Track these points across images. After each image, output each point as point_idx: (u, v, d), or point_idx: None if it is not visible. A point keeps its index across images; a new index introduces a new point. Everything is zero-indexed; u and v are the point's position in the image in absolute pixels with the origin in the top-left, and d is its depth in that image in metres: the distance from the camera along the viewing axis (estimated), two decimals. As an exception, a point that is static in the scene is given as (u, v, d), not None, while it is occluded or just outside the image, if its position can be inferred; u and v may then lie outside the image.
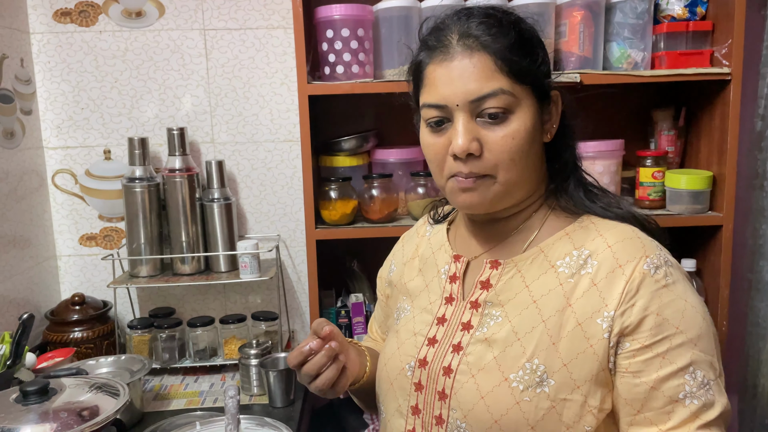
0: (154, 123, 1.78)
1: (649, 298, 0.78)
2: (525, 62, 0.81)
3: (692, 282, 0.84)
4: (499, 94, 0.80)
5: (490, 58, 0.80)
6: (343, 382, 0.93)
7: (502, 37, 0.81)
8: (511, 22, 0.83)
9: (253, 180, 1.82)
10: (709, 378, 0.78)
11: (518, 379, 0.81)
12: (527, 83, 0.82)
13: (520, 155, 0.82)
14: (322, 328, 0.91)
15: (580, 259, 0.83)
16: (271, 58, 1.76)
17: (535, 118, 0.83)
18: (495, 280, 0.88)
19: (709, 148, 1.60)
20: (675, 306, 0.79)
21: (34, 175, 1.73)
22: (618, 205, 0.90)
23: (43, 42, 1.73)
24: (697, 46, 1.54)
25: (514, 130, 0.81)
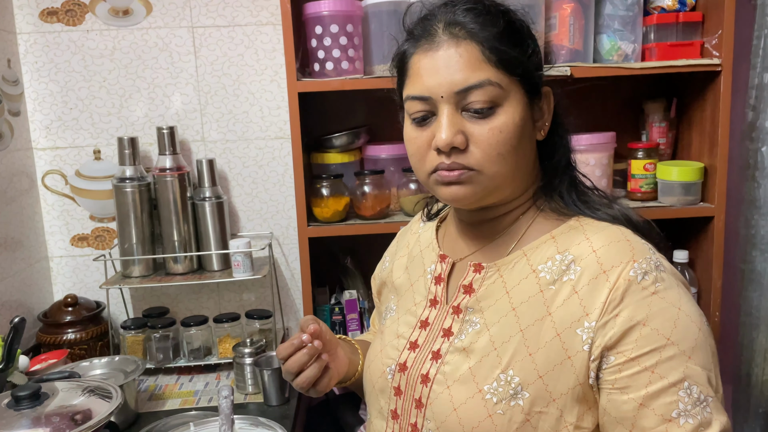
0: (144, 122, 1.77)
1: (634, 308, 0.72)
2: (514, 52, 0.77)
3: (688, 288, 0.78)
4: (486, 86, 0.76)
5: (477, 47, 0.76)
6: (325, 381, 0.92)
7: (491, 25, 0.77)
8: (500, 11, 0.79)
9: (245, 178, 1.81)
10: (706, 394, 0.71)
11: (492, 391, 0.77)
12: (516, 75, 0.78)
13: (508, 149, 0.77)
14: (308, 325, 0.90)
15: (563, 264, 0.78)
16: (261, 55, 1.75)
17: (525, 112, 0.79)
18: (477, 285, 0.84)
19: (701, 139, 1.60)
20: (666, 315, 0.72)
21: (24, 177, 1.72)
22: (610, 206, 0.85)
23: (30, 42, 1.72)
24: (688, 38, 1.54)
25: (502, 123, 0.77)
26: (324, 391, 0.93)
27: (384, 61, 1.54)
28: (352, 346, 1.04)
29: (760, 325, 1.54)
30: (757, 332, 1.54)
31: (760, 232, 1.51)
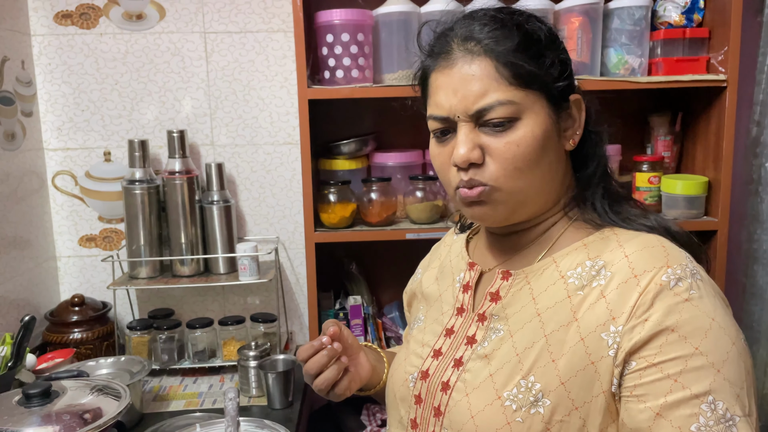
0: (154, 125, 1.79)
1: (664, 312, 0.68)
2: (531, 66, 0.76)
3: (727, 304, 0.73)
4: (497, 107, 0.75)
5: (491, 63, 0.75)
6: (344, 384, 0.92)
7: (505, 39, 0.76)
8: (516, 22, 0.78)
9: (253, 182, 1.83)
10: (732, 413, 0.66)
11: (512, 398, 0.74)
12: (535, 88, 0.76)
13: (527, 164, 0.76)
14: (329, 328, 0.91)
15: (593, 270, 0.75)
16: (271, 61, 1.77)
17: (547, 124, 0.77)
18: (504, 292, 0.83)
19: (705, 153, 1.61)
20: (697, 323, 0.68)
21: (35, 177, 1.74)
22: (646, 217, 0.81)
23: (44, 44, 1.74)
24: (694, 53, 1.55)
25: (520, 137, 0.75)
26: (343, 394, 0.93)
27: (393, 70, 1.56)
28: (377, 354, 1.04)
29: (761, 339, 1.55)
30: (758, 346, 1.55)
31: (762, 247, 1.52)
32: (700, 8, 1.57)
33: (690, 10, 1.56)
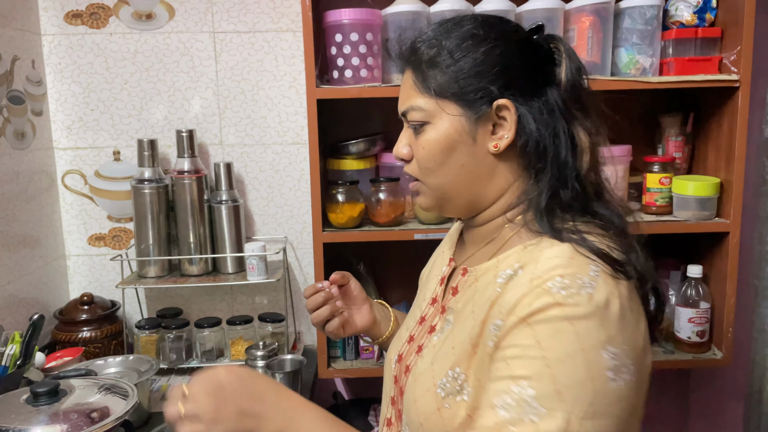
0: (164, 125, 1.79)
1: (532, 311, 0.70)
2: (443, 79, 0.82)
3: (628, 327, 0.72)
4: (410, 111, 0.85)
5: (411, 73, 0.86)
6: (335, 324, 1.07)
7: (421, 52, 0.84)
8: (440, 38, 0.84)
9: (261, 182, 1.83)
10: (541, 404, 0.67)
11: (442, 386, 0.80)
12: (446, 97, 0.82)
13: (432, 164, 0.84)
14: (334, 274, 1.09)
15: (516, 272, 0.77)
16: (280, 61, 1.77)
17: (456, 129, 0.82)
18: (461, 287, 0.88)
19: (717, 154, 1.59)
20: (555, 324, 0.69)
21: (44, 176, 1.74)
22: (575, 232, 0.78)
23: (54, 44, 1.75)
24: (706, 53, 1.54)
25: (426, 140, 0.84)
26: (336, 333, 1.08)
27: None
28: (386, 312, 1.16)
29: (773, 342, 1.54)
30: (771, 349, 1.54)
31: (775, 249, 1.51)
32: (713, 8, 1.55)
33: (702, 9, 1.55)
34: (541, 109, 0.82)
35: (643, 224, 1.55)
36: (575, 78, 0.83)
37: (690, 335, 1.59)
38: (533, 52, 0.84)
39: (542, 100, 0.82)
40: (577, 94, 0.84)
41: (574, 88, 0.83)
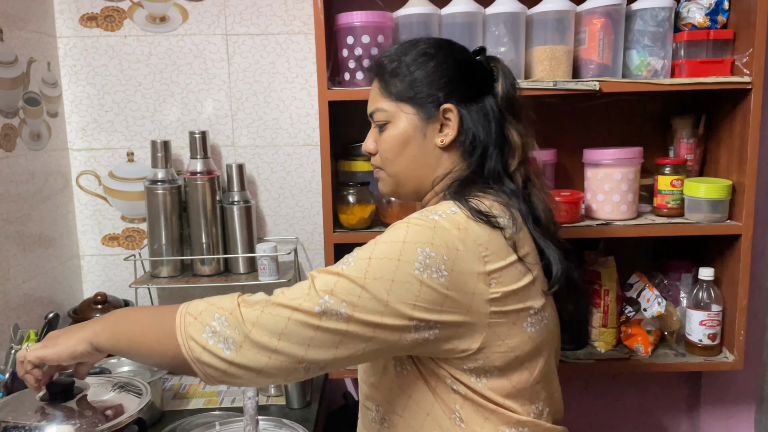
0: (177, 126, 1.81)
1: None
2: (401, 86, 1.03)
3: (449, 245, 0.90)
4: (376, 112, 1.07)
5: (377, 82, 1.08)
6: None
7: (385, 65, 1.06)
8: (400, 55, 1.05)
9: (273, 183, 1.84)
10: (353, 260, 0.90)
11: None
12: (406, 102, 1.03)
13: (392, 155, 1.05)
14: None
15: None
16: (292, 63, 1.78)
17: (413, 126, 1.03)
18: None
19: (729, 156, 1.59)
20: (396, 226, 0.93)
21: (59, 176, 1.77)
22: (470, 197, 0.98)
23: (70, 46, 1.77)
24: (718, 55, 1.53)
25: (387, 136, 1.05)
26: None
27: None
28: None
29: (785, 346, 1.53)
30: (783, 352, 1.53)
31: (787, 252, 1.50)
32: (725, 9, 1.55)
33: (714, 11, 1.54)
34: (478, 113, 1.03)
35: (655, 226, 1.55)
36: (509, 90, 1.05)
37: (701, 338, 1.59)
38: (474, 68, 1.06)
39: (480, 105, 1.03)
40: (511, 103, 1.04)
41: (508, 98, 1.04)
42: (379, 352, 0.90)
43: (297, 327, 0.85)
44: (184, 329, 0.88)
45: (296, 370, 0.87)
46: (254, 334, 0.85)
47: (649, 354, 1.62)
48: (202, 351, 0.86)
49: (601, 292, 1.63)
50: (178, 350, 0.87)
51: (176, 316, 0.89)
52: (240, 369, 0.86)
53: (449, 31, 1.53)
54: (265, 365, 0.85)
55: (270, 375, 0.87)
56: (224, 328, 0.86)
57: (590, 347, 1.67)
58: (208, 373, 0.87)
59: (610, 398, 1.97)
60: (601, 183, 1.57)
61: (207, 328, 0.87)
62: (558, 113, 1.73)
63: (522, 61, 1.54)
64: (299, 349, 0.85)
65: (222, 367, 0.86)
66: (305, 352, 0.85)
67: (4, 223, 1.50)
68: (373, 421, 1.06)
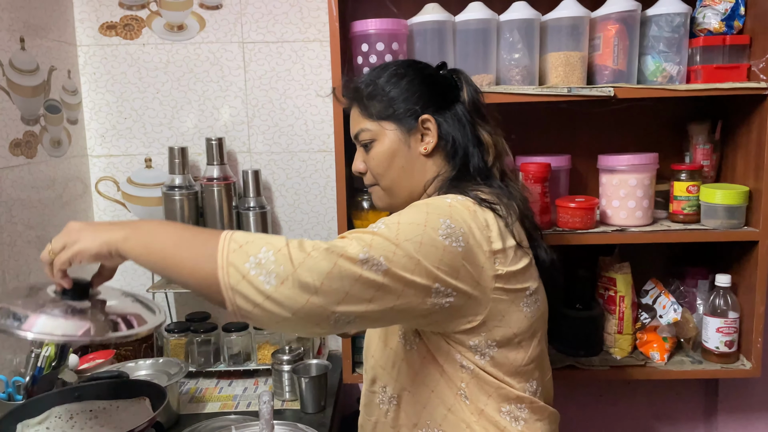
0: (194, 133, 1.83)
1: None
2: (380, 106, 1.12)
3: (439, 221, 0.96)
4: (361, 132, 1.14)
5: (357, 107, 1.16)
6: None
7: (362, 90, 1.14)
8: (373, 79, 1.14)
9: (288, 189, 1.86)
10: (384, 223, 0.94)
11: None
12: (384, 119, 1.12)
13: (383, 169, 1.13)
14: None
15: None
16: (307, 70, 1.80)
17: (396, 141, 1.11)
18: None
19: (746, 162, 1.58)
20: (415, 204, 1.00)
21: (79, 182, 1.80)
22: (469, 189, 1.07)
23: (89, 54, 1.80)
24: (734, 60, 1.53)
25: (374, 153, 1.13)
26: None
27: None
28: None
29: (804, 354, 1.51)
30: (801, 360, 1.51)
31: (806, 259, 1.48)
32: (741, 15, 1.54)
33: (730, 16, 1.53)
34: (452, 119, 1.12)
35: (671, 233, 1.54)
36: (474, 96, 1.15)
37: (718, 345, 1.57)
38: (440, 80, 1.16)
39: (452, 112, 1.13)
40: (477, 107, 1.14)
41: (474, 103, 1.14)
42: (402, 314, 0.92)
43: (341, 272, 0.85)
44: (226, 255, 0.85)
45: (326, 320, 0.86)
46: (300, 273, 0.83)
47: (665, 361, 1.61)
48: (240, 280, 0.83)
49: (617, 299, 1.63)
50: (213, 273, 0.84)
51: (219, 239, 0.86)
52: (274, 305, 0.83)
53: (463, 38, 1.54)
54: (301, 307, 0.84)
55: (299, 321, 0.85)
56: (269, 262, 0.84)
57: (605, 354, 1.66)
58: (238, 305, 0.84)
59: (626, 405, 1.96)
60: (616, 189, 1.57)
61: (251, 259, 0.84)
62: (572, 119, 1.73)
63: (536, 67, 1.55)
64: (337, 296, 0.85)
65: (257, 300, 0.83)
66: (342, 299, 0.85)
67: (25, 228, 1.53)
68: (381, 403, 1.12)
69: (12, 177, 1.49)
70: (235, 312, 0.86)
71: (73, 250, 0.91)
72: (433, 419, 1.05)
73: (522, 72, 1.53)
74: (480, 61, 1.54)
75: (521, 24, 1.52)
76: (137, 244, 0.90)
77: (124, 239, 0.90)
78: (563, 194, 1.66)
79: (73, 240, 0.91)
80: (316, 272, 0.84)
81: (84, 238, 0.91)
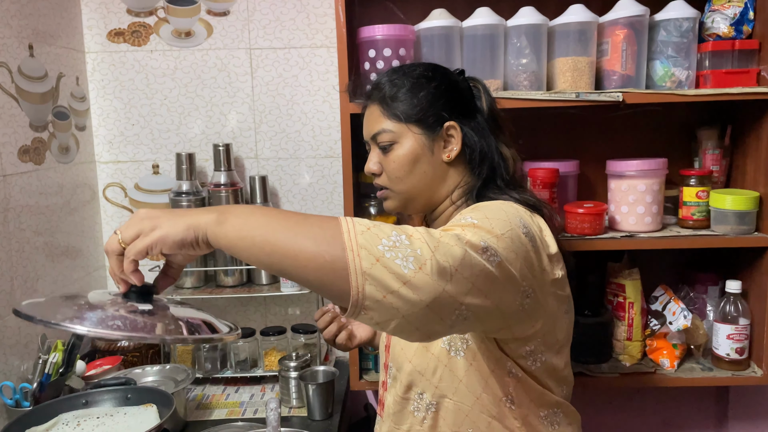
0: (201, 139, 1.84)
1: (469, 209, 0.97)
2: (403, 107, 1.07)
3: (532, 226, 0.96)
4: (382, 133, 1.09)
5: (378, 106, 1.10)
6: (343, 336, 1.25)
7: (385, 90, 1.09)
8: (398, 78, 1.10)
9: (295, 195, 1.86)
10: (473, 222, 0.87)
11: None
12: (408, 121, 1.07)
13: (402, 173, 1.08)
14: None
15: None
16: (314, 76, 1.80)
17: (418, 145, 1.07)
18: None
19: (756, 167, 1.57)
20: (486, 204, 0.98)
21: (87, 189, 1.80)
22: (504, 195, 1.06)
23: (98, 61, 1.81)
24: (744, 65, 1.52)
25: (395, 156, 1.08)
26: (343, 345, 1.26)
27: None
28: None
29: (816, 361, 1.49)
30: (814, 368, 1.50)
31: (817, 265, 1.47)
32: (750, 20, 1.53)
33: (739, 21, 1.52)
34: (475, 128, 1.09)
35: (680, 239, 1.53)
36: (492, 106, 1.12)
37: (729, 352, 1.56)
38: (462, 88, 1.12)
39: (475, 121, 1.10)
40: (495, 117, 1.12)
41: (492, 113, 1.12)
42: (496, 314, 0.85)
43: (471, 260, 0.79)
44: (354, 236, 0.74)
45: (452, 313, 0.78)
46: (438, 255, 0.76)
47: (674, 368, 1.59)
48: (374, 263, 0.73)
49: (626, 305, 1.61)
50: (340, 256, 0.73)
51: (340, 221, 0.77)
52: (412, 292, 0.74)
53: (471, 43, 1.54)
54: (437, 295, 0.75)
55: (427, 313, 0.76)
56: (404, 245, 0.75)
57: (614, 360, 1.64)
58: (366, 292, 0.73)
59: (635, 413, 1.94)
60: (625, 194, 1.56)
61: (384, 241, 0.75)
62: (581, 124, 1.72)
63: (544, 72, 1.54)
64: (466, 285, 0.78)
65: (393, 287, 0.73)
66: (470, 289, 0.78)
67: (33, 234, 1.53)
68: (416, 410, 1.07)
69: (20, 183, 1.49)
70: (357, 303, 0.74)
71: (153, 237, 0.77)
72: (476, 427, 1.02)
73: (530, 77, 1.53)
74: (487, 66, 1.54)
75: (529, 29, 1.51)
76: (232, 228, 0.77)
77: (217, 222, 0.77)
78: (572, 200, 1.65)
79: (151, 226, 0.78)
80: (452, 257, 0.77)
81: (163, 223, 0.78)
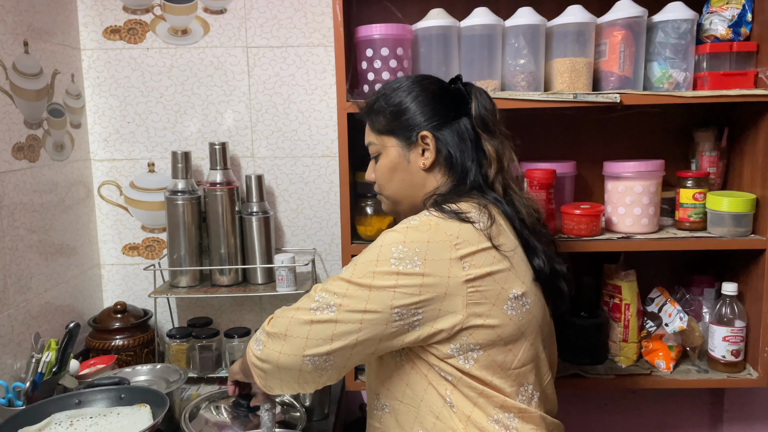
0: (197, 137, 1.83)
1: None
2: (384, 122, 1.19)
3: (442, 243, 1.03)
4: (369, 145, 1.24)
5: (367, 121, 1.24)
6: None
7: (371, 107, 1.22)
8: (379, 98, 1.21)
9: (291, 194, 1.85)
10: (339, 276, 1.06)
11: None
12: (387, 134, 1.19)
13: (384, 181, 1.22)
14: None
15: None
16: (311, 75, 1.79)
17: (397, 156, 1.18)
18: None
19: (753, 169, 1.57)
20: (371, 244, 1.07)
21: (81, 187, 1.79)
22: (446, 207, 1.10)
23: (93, 58, 1.80)
24: (741, 67, 1.52)
25: (380, 165, 1.21)
26: None
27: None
28: None
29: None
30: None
31: (813, 267, 1.47)
32: (748, 21, 1.53)
33: (737, 23, 1.52)
34: (452, 135, 1.16)
35: (677, 240, 1.53)
36: (482, 111, 1.16)
37: (724, 354, 1.56)
38: (448, 95, 1.19)
39: (454, 128, 1.16)
40: (485, 121, 1.16)
41: (481, 117, 1.16)
42: (370, 342, 1.02)
43: (297, 323, 1.03)
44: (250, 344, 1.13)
45: (304, 366, 1.03)
46: (269, 328, 1.07)
47: (670, 370, 1.59)
48: (251, 355, 1.11)
49: (622, 307, 1.61)
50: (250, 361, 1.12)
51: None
52: (265, 363, 1.07)
53: (468, 43, 1.53)
54: (277, 358, 1.04)
55: (284, 372, 1.06)
56: (258, 333, 1.11)
57: (610, 362, 1.64)
58: (256, 374, 1.11)
59: (631, 414, 1.94)
60: (621, 196, 1.56)
61: (253, 339, 1.12)
62: (578, 125, 1.72)
63: (542, 73, 1.54)
64: (300, 342, 1.02)
65: (257, 364, 1.09)
66: (305, 344, 1.02)
67: (27, 232, 1.52)
68: (375, 409, 1.17)
69: (14, 181, 1.48)
70: (259, 382, 1.12)
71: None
72: (424, 427, 1.07)
73: (527, 78, 1.53)
74: (485, 66, 1.53)
75: (527, 30, 1.51)
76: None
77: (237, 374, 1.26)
78: (568, 201, 1.65)
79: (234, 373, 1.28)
80: (280, 326, 1.05)
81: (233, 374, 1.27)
